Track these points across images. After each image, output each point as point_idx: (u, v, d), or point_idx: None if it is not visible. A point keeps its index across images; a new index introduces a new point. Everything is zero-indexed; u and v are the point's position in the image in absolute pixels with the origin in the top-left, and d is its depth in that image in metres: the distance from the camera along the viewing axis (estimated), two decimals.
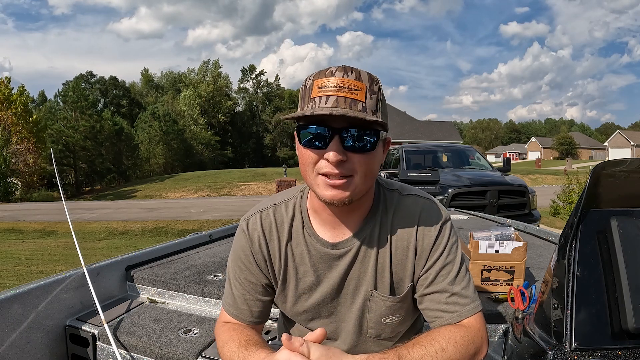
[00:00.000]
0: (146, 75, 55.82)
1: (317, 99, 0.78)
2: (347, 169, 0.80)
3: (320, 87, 0.79)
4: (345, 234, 0.92)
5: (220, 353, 0.91)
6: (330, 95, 0.78)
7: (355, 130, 0.79)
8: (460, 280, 0.89)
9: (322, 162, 0.80)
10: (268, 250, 0.95)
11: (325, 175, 0.80)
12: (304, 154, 0.82)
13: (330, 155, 0.78)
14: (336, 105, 0.77)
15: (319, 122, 0.79)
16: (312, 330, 0.99)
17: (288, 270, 0.95)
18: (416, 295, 0.93)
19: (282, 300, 0.99)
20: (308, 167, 0.82)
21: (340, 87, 0.78)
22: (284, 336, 0.74)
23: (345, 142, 0.79)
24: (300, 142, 0.82)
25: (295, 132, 0.86)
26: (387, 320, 0.95)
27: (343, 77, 0.78)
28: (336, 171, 0.79)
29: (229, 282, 1.00)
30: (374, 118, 0.77)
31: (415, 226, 0.91)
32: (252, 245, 0.95)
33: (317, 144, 0.80)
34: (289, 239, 0.94)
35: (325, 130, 0.79)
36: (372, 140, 0.81)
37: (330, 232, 0.92)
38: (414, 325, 1.06)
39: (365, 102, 0.78)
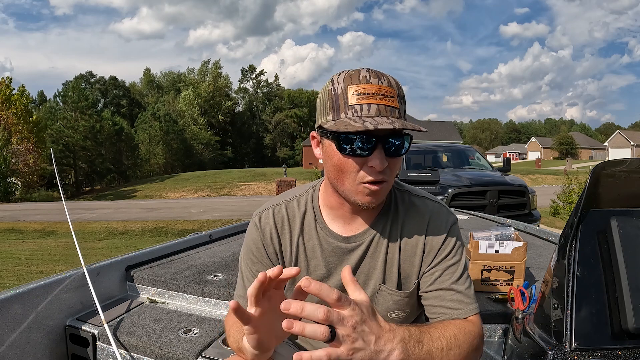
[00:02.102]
0: (148, 75, 55.83)
1: (357, 107, 0.79)
2: (387, 175, 0.84)
3: (359, 94, 0.79)
4: (358, 228, 0.94)
5: (228, 339, 0.93)
6: (371, 103, 0.79)
7: (395, 139, 0.81)
8: (464, 281, 0.92)
9: (364, 171, 0.82)
10: (280, 244, 0.97)
11: (369, 183, 0.83)
12: (345, 163, 0.82)
13: (377, 163, 0.80)
14: (379, 113, 0.79)
15: (363, 131, 0.79)
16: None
17: (299, 263, 0.97)
18: (420, 292, 0.95)
19: (290, 294, 0.99)
20: (349, 174, 0.83)
21: (379, 94, 0.79)
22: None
23: (387, 150, 0.81)
24: (340, 150, 0.82)
25: (327, 139, 0.84)
26: (393, 315, 0.97)
27: (378, 82, 0.80)
28: (380, 177, 0.82)
29: (241, 275, 1.01)
30: (424, 129, 0.80)
31: (426, 225, 0.94)
32: (264, 238, 0.97)
33: (360, 152, 0.81)
34: (301, 233, 0.97)
35: (370, 140, 0.80)
36: (406, 145, 0.84)
37: (343, 226, 0.95)
38: (415, 322, 1.07)
39: (399, 109, 0.81)
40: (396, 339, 0.69)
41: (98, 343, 1.51)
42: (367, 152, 0.80)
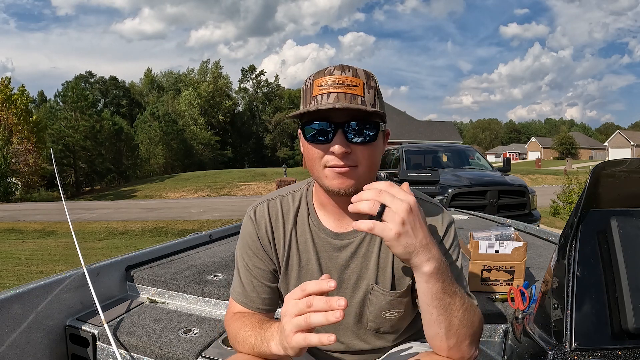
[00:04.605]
0: (149, 75, 55.77)
1: (318, 97, 0.82)
2: (352, 160, 0.84)
3: (321, 86, 0.83)
4: (349, 226, 0.94)
5: (234, 342, 0.93)
6: (331, 92, 0.82)
7: (356, 124, 0.83)
8: (462, 280, 0.92)
9: (328, 156, 0.84)
10: (273, 236, 0.98)
11: (332, 167, 0.84)
12: (310, 150, 0.86)
13: (336, 148, 0.82)
14: (337, 101, 0.81)
15: (322, 119, 0.83)
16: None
17: (291, 256, 0.97)
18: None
19: (284, 287, 1.00)
20: (315, 161, 0.86)
21: (340, 84, 0.82)
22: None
23: (348, 135, 0.83)
24: (305, 138, 0.86)
25: (299, 130, 0.89)
26: (387, 315, 0.97)
27: (341, 74, 0.83)
28: (342, 163, 0.83)
29: (237, 271, 1.01)
30: (373, 109, 0.81)
31: None
32: (259, 231, 0.98)
33: (321, 139, 0.84)
34: (294, 226, 0.98)
35: (328, 125, 0.83)
36: (373, 132, 0.85)
37: (335, 223, 0.95)
38: (414, 323, 1.07)
39: (363, 96, 0.83)
40: (438, 255, 0.78)
41: (98, 343, 1.51)
42: (326, 138, 0.83)
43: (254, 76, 58.60)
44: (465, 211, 4.01)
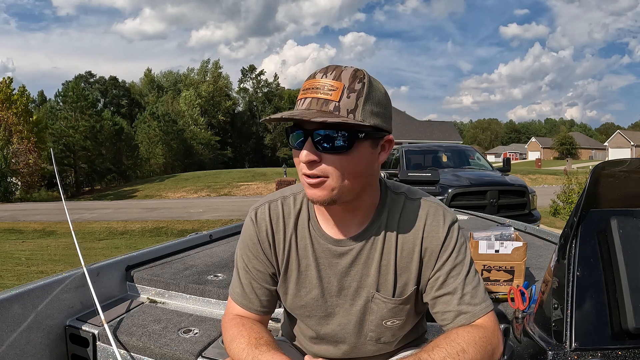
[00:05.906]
0: (149, 75, 55.78)
1: (298, 102, 0.82)
2: (320, 170, 0.81)
3: (303, 90, 0.82)
4: (349, 232, 0.92)
5: (227, 348, 0.92)
6: (306, 98, 0.80)
7: (324, 131, 0.79)
8: (471, 280, 0.89)
9: (302, 163, 0.82)
10: (274, 239, 0.96)
11: (305, 176, 0.83)
12: (293, 154, 0.86)
13: (303, 155, 0.80)
14: (309, 106, 0.79)
15: (296, 125, 0.82)
16: (312, 328, 1.00)
17: (290, 261, 0.95)
18: (427, 299, 0.93)
19: (283, 291, 0.99)
20: (297, 167, 0.86)
21: (315, 88, 0.80)
22: (307, 357, 0.80)
23: (317, 143, 0.80)
24: (289, 143, 0.86)
25: None
26: (388, 323, 0.95)
27: (322, 77, 0.80)
28: (309, 171, 0.81)
29: (237, 272, 1.00)
30: (336, 120, 0.76)
31: (422, 228, 0.91)
32: (260, 234, 0.96)
33: (297, 145, 0.83)
34: (294, 231, 0.95)
35: (300, 132, 0.82)
36: (346, 141, 0.79)
37: (334, 228, 0.93)
38: (415, 330, 1.06)
39: (338, 102, 0.78)
40: None
41: (98, 343, 1.51)
42: (300, 145, 0.82)
43: (253, 76, 58.60)
44: (465, 211, 4.00)
